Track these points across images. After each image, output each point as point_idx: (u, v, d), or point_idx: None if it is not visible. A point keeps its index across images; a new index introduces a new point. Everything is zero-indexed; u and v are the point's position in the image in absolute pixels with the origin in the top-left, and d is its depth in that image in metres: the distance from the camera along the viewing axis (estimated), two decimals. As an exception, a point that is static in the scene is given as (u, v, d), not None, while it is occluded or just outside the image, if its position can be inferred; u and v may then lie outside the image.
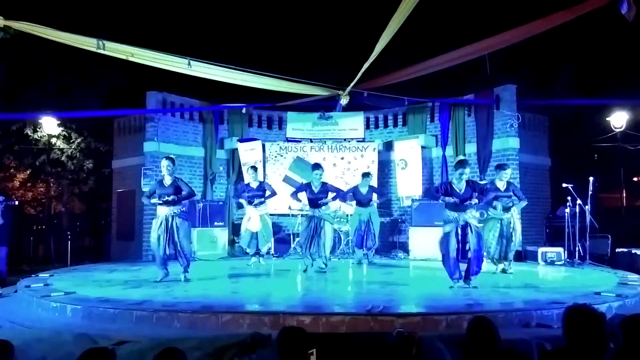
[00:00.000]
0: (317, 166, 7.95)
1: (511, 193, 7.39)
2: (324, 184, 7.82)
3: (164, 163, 6.88)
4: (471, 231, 6.01)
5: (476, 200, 5.99)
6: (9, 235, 8.76)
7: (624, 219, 11.69)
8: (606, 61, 13.73)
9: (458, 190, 6.02)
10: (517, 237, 7.44)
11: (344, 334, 4.27)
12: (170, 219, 6.79)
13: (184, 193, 6.85)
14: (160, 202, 6.78)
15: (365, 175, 9.13)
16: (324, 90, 10.34)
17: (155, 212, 7.11)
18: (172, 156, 7.17)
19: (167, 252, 6.78)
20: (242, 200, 8.92)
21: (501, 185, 7.32)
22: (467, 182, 6.10)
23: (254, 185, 8.81)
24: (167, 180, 6.87)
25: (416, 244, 9.84)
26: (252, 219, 8.71)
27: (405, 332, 3.74)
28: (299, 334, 2.75)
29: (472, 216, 6.07)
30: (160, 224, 6.78)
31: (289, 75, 9.51)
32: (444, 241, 6.12)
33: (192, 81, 9.55)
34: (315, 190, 7.72)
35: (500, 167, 7.49)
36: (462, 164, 6.14)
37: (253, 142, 11.45)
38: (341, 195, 8.26)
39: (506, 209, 7.35)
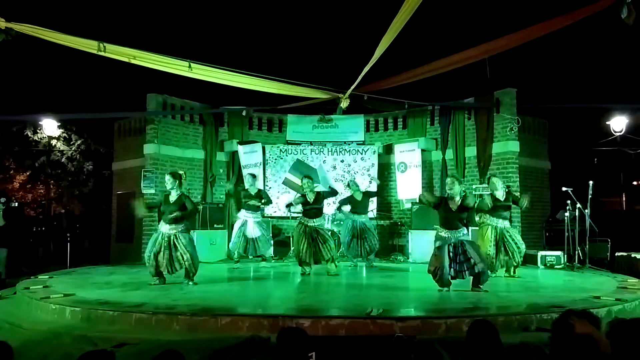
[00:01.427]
0: (306, 177, 7.95)
1: (510, 202, 7.40)
2: (318, 194, 7.80)
3: (166, 178, 6.75)
4: (467, 245, 5.98)
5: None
6: (9, 236, 8.76)
7: (623, 222, 11.70)
8: (606, 65, 13.77)
9: (452, 208, 6.00)
10: (519, 242, 7.40)
11: (343, 337, 4.26)
12: (172, 238, 6.59)
13: (186, 211, 6.62)
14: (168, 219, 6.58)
15: (349, 184, 9.03)
16: (325, 93, 10.36)
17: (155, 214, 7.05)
18: (181, 172, 6.95)
19: (170, 270, 6.63)
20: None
21: (500, 195, 7.33)
22: (464, 198, 6.05)
23: (252, 191, 8.99)
24: (173, 196, 6.70)
25: (416, 247, 9.81)
26: (249, 226, 8.89)
27: (404, 337, 3.74)
28: (299, 334, 2.66)
29: (464, 234, 6.05)
30: (159, 241, 6.58)
31: (290, 78, 9.53)
32: (437, 257, 6.05)
33: (193, 84, 9.59)
34: (311, 202, 7.71)
35: (489, 179, 7.54)
36: (452, 182, 6.10)
37: (253, 144, 11.47)
38: (334, 193, 8.22)
39: (504, 218, 7.37)
